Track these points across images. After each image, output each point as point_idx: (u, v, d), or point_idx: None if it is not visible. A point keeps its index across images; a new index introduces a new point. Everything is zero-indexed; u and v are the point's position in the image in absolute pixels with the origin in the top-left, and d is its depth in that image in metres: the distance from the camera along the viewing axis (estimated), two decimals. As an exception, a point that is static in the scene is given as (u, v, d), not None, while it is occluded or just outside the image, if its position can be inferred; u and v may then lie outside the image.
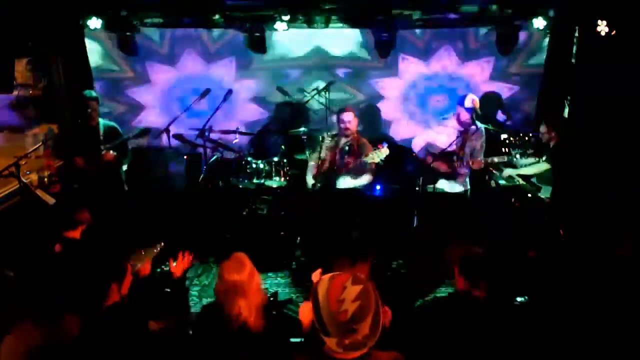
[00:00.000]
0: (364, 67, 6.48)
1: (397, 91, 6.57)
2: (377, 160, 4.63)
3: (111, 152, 5.16)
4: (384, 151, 4.57)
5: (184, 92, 6.55)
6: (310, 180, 5.08)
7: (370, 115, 6.59)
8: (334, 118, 5.08)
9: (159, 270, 4.29)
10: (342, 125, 4.89)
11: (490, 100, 6.38)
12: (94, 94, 5.33)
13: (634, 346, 2.96)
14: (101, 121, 5.34)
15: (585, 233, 4.60)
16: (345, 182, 4.94)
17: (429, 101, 6.54)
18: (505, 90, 6.45)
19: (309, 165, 5.21)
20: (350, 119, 4.86)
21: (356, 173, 4.88)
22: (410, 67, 6.46)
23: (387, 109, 6.65)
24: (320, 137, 5.11)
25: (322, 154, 4.99)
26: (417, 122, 6.64)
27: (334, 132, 5.10)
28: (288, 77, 6.46)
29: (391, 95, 6.60)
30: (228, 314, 2.60)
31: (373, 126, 6.60)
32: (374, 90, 6.59)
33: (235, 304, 2.60)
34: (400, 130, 6.68)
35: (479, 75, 6.42)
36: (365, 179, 4.94)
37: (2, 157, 5.00)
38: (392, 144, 6.54)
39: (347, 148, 4.91)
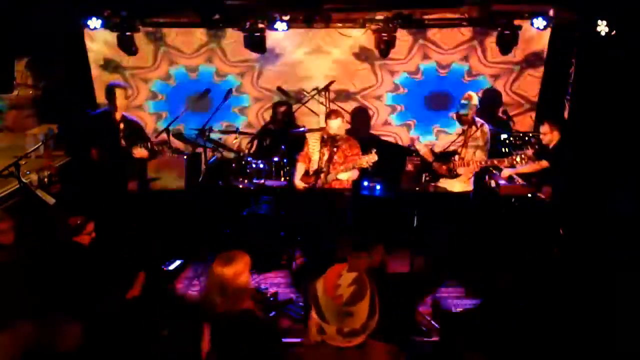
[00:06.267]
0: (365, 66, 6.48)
1: (396, 90, 6.57)
2: (365, 165, 4.63)
3: (144, 149, 5.05)
4: (372, 157, 4.56)
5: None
6: (298, 181, 5.04)
7: (369, 115, 6.59)
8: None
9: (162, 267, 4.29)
10: (330, 130, 4.84)
11: (490, 100, 6.38)
12: (121, 83, 5.21)
13: (633, 345, 2.96)
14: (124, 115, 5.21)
15: (585, 233, 4.60)
16: (333, 180, 4.89)
17: (430, 100, 6.54)
18: (505, 89, 6.44)
19: (297, 165, 5.17)
20: (336, 125, 4.81)
21: (344, 171, 4.83)
22: (411, 66, 6.46)
23: (388, 108, 6.65)
24: (310, 137, 5.07)
25: (312, 154, 4.97)
26: (418, 121, 6.65)
27: (322, 133, 5.02)
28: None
29: (391, 94, 6.60)
30: (208, 304, 2.58)
31: (372, 126, 6.61)
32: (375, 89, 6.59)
33: (213, 296, 2.58)
34: (401, 130, 6.68)
35: (479, 75, 6.42)
36: (351, 176, 4.88)
37: (2, 157, 5.00)
38: (393, 144, 6.57)
39: (335, 149, 4.87)
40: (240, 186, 5.47)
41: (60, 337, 2.33)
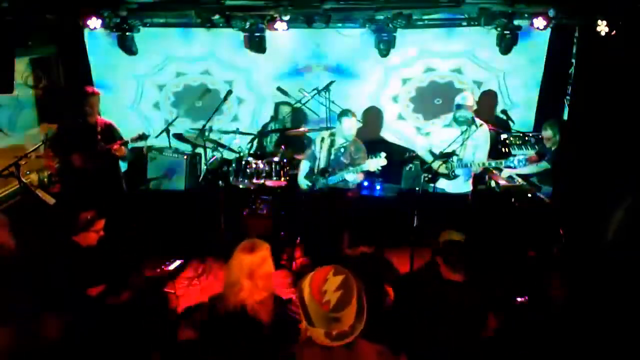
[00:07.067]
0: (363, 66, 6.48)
1: (396, 90, 6.57)
2: (373, 169, 4.65)
3: (123, 147, 5.07)
4: (381, 162, 4.58)
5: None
6: (302, 180, 5.07)
7: (370, 116, 6.59)
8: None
9: (158, 270, 4.30)
10: (344, 130, 4.87)
11: (490, 100, 6.38)
12: (94, 90, 5.28)
13: (633, 346, 2.96)
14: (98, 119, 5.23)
15: (585, 233, 4.60)
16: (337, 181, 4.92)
17: (430, 100, 6.54)
18: (505, 89, 6.44)
19: (301, 164, 5.19)
20: (352, 124, 4.85)
21: (350, 173, 4.86)
22: (411, 66, 6.46)
23: (388, 109, 6.65)
24: (316, 136, 5.10)
25: (317, 154, 4.99)
26: (418, 122, 6.65)
27: (329, 132, 5.07)
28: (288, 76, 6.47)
29: (391, 94, 6.60)
30: (228, 292, 2.57)
31: (373, 127, 6.61)
32: (375, 89, 6.59)
33: (237, 281, 2.58)
34: (401, 130, 6.68)
35: (479, 75, 6.42)
36: (356, 178, 4.92)
37: (2, 157, 5.01)
38: (394, 144, 6.57)
39: (342, 150, 4.90)
40: (240, 186, 5.47)
41: (42, 334, 2.33)
